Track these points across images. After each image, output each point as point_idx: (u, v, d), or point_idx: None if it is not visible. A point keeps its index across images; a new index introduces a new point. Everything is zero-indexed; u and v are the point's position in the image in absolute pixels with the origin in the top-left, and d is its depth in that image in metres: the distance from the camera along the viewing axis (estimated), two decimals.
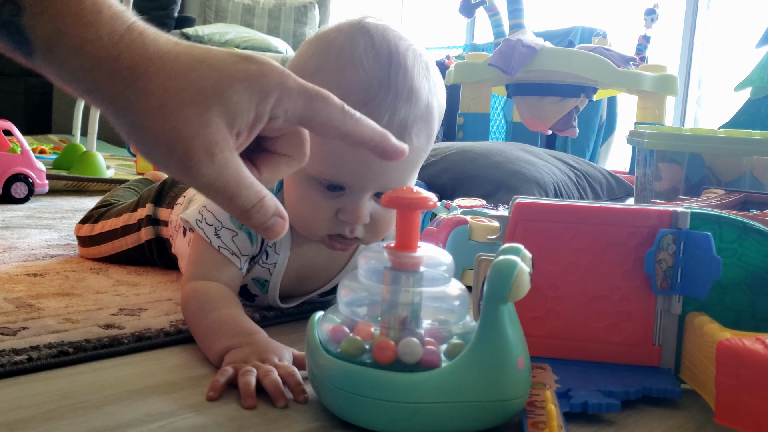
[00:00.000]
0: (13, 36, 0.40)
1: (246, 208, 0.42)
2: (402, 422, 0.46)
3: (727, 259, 0.58)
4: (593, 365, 0.60)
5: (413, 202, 0.48)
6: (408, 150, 0.47)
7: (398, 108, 0.62)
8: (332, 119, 0.44)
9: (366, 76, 0.62)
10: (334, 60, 0.64)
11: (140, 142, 0.41)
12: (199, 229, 0.70)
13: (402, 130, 0.63)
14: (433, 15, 4.29)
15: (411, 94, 0.63)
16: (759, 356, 0.44)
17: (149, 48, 0.41)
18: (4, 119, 1.65)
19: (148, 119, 0.40)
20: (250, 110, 0.42)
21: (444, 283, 0.50)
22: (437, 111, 0.67)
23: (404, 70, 0.63)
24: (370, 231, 0.68)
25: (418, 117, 0.64)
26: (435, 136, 0.69)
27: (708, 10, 3.15)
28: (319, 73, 0.64)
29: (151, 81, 0.40)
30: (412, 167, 0.67)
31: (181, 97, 0.40)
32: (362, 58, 0.63)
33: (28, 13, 0.39)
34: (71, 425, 0.47)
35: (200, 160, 0.40)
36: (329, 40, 0.66)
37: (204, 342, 0.62)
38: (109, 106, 0.41)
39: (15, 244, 1.09)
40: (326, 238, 0.69)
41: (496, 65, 2.10)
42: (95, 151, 2.03)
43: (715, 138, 1.33)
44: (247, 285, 0.75)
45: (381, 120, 0.61)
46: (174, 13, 4.32)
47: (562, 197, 1.53)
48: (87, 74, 0.40)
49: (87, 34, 0.39)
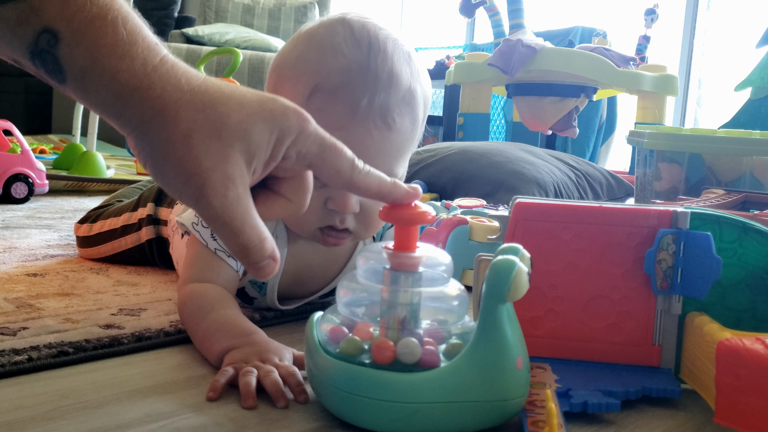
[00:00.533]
0: (47, 64, 0.41)
1: (246, 246, 0.43)
2: (401, 422, 0.46)
3: (727, 259, 0.58)
4: (593, 365, 0.60)
5: (411, 217, 0.47)
6: (420, 190, 0.48)
7: (378, 90, 0.63)
8: (341, 171, 0.46)
9: (345, 60, 0.64)
10: (315, 49, 0.65)
11: (159, 167, 0.43)
12: (195, 231, 0.70)
13: (384, 112, 0.64)
14: (433, 15, 4.29)
15: (391, 77, 0.64)
16: (759, 356, 0.44)
17: (180, 80, 0.42)
18: (4, 119, 1.65)
19: (172, 147, 0.41)
20: (268, 149, 0.43)
21: (443, 283, 0.50)
22: (421, 97, 0.68)
23: (383, 55, 0.64)
24: (360, 222, 0.68)
25: (400, 100, 0.65)
26: (422, 124, 0.69)
27: (708, 10, 3.15)
28: (300, 62, 0.65)
29: (180, 112, 0.41)
30: (398, 153, 0.67)
31: (207, 130, 0.42)
32: (342, 44, 0.64)
33: (64, 43, 0.40)
34: (71, 425, 0.47)
35: (215, 192, 0.42)
36: (311, 32, 0.68)
37: (203, 344, 0.62)
38: (134, 131, 0.42)
39: (15, 244, 1.09)
40: (318, 233, 0.68)
41: (496, 65, 2.10)
42: (95, 151, 2.03)
43: (715, 138, 1.33)
44: (245, 288, 0.75)
45: (360, 102, 0.63)
46: (174, 13, 4.32)
47: (562, 197, 1.53)
48: (117, 101, 0.41)
49: (121, 65, 0.41)
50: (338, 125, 0.62)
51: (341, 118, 0.63)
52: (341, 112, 0.63)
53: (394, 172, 0.67)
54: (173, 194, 0.44)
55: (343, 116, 0.63)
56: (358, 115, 0.63)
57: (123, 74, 0.41)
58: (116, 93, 0.41)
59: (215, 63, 3.55)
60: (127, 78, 0.41)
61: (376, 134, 0.64)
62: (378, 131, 0.64)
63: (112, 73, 0.40)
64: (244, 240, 0.43)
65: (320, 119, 0.61)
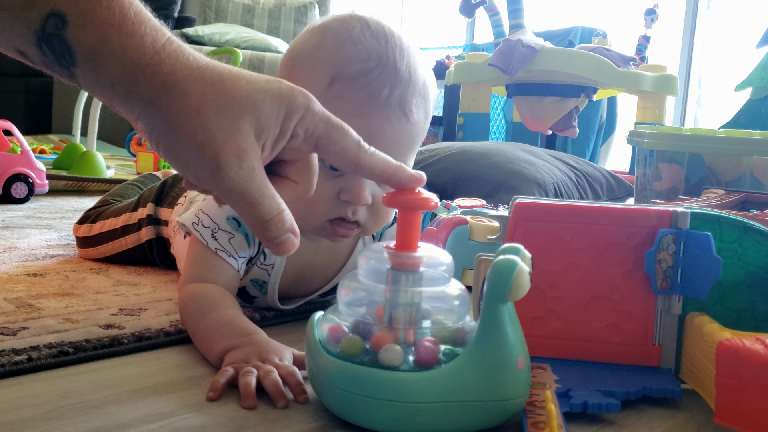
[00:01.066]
0: (55, 48, 0.41)
1: (265, 219, 0.43)
2: (402, 422, 0.46)
3: (727, 259, 0.58)
4: (593, 365, 0.60)
5: (415, 202, 0.48)
6: (425, 177, 0.49)
7: (398, 81, 0.64)
8: (347, 150, 0.46)
9: (365, 49, 0.64)
10: (331, 39, 0.66)
11: (172, 142, 0.43)
12: (196, 231, 0.70)
13: (403, 102, 0.65)
14: (433, 15, 4.29)
15: (409, 70, 0.65)
16: (759, 356, 0.44)
17: (189, 58, 0.43)
18: (4, 119, 1.65)
19: (184, 121, 0.42)
20: (277, 125, 0.44)
21: (444, 283, 0.50)
22: (432, 93, 0.69)
23: (401, 48, 0.66)
24: (371, 214, 0.69)
25: (417, 92, 0.66)
26: (431, 116, 0.70)
27: (708, 10, 3.15)
28: (317, 51, 0.66)
29: (190, 86, 0.42)
30: (412, 144, 0.68)
31: (217, 103, 0.42)
32: (360, 36, 0.65)
33: (72, 25, 0.40)
34: (71, 425, 0.47)
35: (230, 163, 0.42)
36: (325, 25, 0.68)
37: (203, 343, 0.62)
38: (145, 109, 0.43)
39: (15, 244, 1.09)
40: (327, 224, 0.68)
41: (496, 65, 2.10)
42: (95, 151, 2.03)
43: (715, 138, 1.33)
44: (245, 287, 0.75)
45: (381, 91, 0.63)
46: (174, 13, 4.32)
47: (562, 197, 1.53)
48: (127, 78, 0.42)
49: (130, 42, 0.41)
50: (359, 112, 0.63)
51: (362, 105, 0.64)
52: (362, 99, 0.64)
53: (406, 163, 0.67)
54: (188, 170, 0.44)
55: (364, 104, 0.64)
56: (379, 104, 0.64)
57: (133, 51, 0.41)
58: (127, 70, 0.41)
59: None
60: (138, 55, 0.41)
61: (396, 123, 0.65)
62: (397, 120, 0.65)
63: (122, 51, 0.41)
64: (263, 212, 0.43)
65: (340, 107, 0.62)
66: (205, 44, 3.69)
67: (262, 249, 0.73)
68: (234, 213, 0.71)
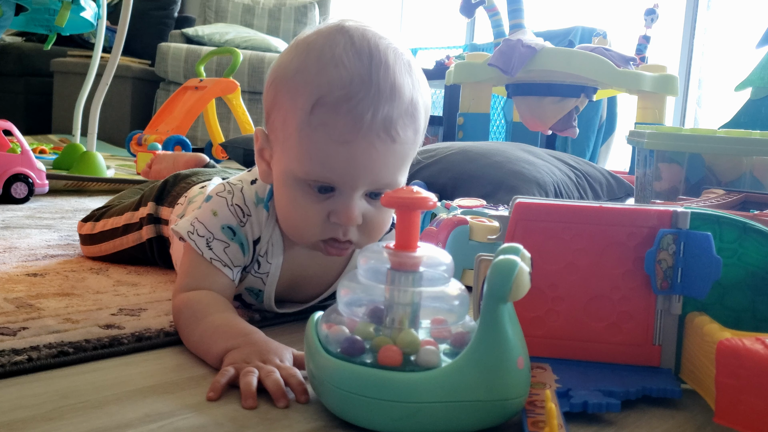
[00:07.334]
0: None
1: None
2: (402, 422, 0.46)
3: (727, 259, 0.58)
4: (593, 365, 0.60)
5: (413, 202, 0.48)
6: None
7: (381, 104, 0.62)
8: None
9: (347, 73, 0.62)
10: (314, 61, 0.63)
11: None
12: (191, 240, 0.70)
13: (388, 125, 0.62)
14: (433, 15, 4.29)
15: (394, 90, 0.62)
16: (759, 356, 0.44)
17: None
18: (4, 119, 1.65)
19: None
20: None
21: (443, 283, 0.50)
22: (422, 107, 0.66)
23: (385, 67, 0.63)
24: (363, 233, 0.67)
25: (403, 112, 0.63)
26: (423, 132, 0.68)
27: (708, 10, 3.15)
28: (300, 74, 0.63)
29: None
30: (402, 163, 0.66)
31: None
32: (342, 56, 0.62)
33: None
34: (71, 425, 0.47)
35: None
36: (309, 42, 0.65)
37: (200, 347, 0.62)
38: None
39: (15, 244, 1.09)
40: (320, 244, 0.67)
41: (496, 65, 2.10)
42: (95, 151, 2.03)
43: (715, 138, 1.33)
44: (241, 295, 0.75)
45: (365, 116, 0.61)
46: (174, 13, 4.32)
47: (562, 197, 1.53)
48: None
49: None
50: (343, 140, 0.61)
51: (345, 132, 0.61)
52: (345, 126, 0.61)
53: (397, 181, 0.66)
54: None
55: (348, 131, 0.61)
56: (362, 130, 0.61)
57: None
58: None
59: (215, 63, 3.55)
60: None
61: (381, 147, 0.63)
62: (382, 144, 0.63)
63: None
64: None
65: (324, 134, 0.61)
66: (205, 44, 3.69)
67: (256, 258, 0.72)
68: (229, 222, 0.70)
